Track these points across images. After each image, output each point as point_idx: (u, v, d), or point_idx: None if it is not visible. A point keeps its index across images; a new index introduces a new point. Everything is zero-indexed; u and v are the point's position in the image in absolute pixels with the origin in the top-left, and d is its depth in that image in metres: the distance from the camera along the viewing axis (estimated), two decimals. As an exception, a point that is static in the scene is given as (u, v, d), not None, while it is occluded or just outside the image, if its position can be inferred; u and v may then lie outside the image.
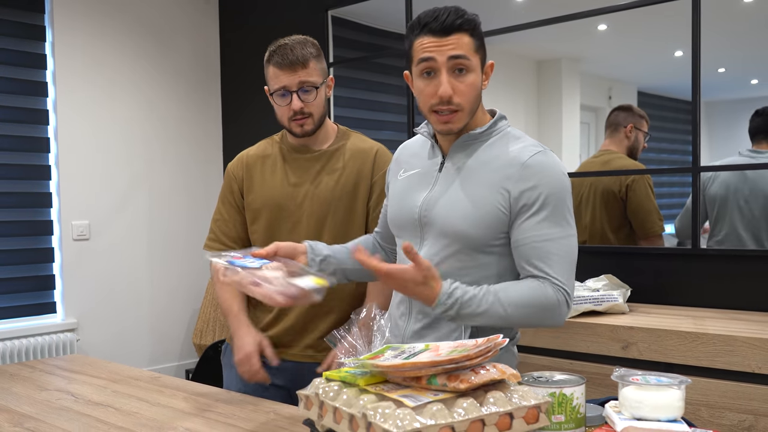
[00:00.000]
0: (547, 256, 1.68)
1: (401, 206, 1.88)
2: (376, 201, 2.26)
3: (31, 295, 4.44)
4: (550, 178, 1.70)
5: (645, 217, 3.50)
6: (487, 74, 1.79)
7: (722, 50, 3.23)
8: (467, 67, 1.72)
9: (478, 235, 1.72)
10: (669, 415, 1.20)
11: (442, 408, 1.15)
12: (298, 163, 2.31)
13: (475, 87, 1.74)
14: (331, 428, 1.28)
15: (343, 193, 2.25)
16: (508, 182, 1.71)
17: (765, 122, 3.13)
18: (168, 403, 2.03)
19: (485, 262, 1.75)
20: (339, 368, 1.36)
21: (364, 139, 2.36)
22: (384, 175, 2.19)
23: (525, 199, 1.69)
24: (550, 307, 1.67)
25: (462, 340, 1.65)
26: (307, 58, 2.18)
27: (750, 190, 3.17)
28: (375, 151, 2.30)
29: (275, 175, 2.32)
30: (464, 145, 1.80)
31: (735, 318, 2.96)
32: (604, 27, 3.58)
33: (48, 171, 4.52)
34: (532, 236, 1.69)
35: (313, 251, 1.90)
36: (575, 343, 2.97)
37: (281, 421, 1.84)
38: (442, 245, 1.77)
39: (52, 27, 4.51)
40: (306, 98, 2.18)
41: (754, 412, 2.55)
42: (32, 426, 1.85)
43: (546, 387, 1.32)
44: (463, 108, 1.73)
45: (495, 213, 1.71)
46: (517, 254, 1.72)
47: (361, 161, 2.27)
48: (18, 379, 2.38)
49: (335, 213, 2.25)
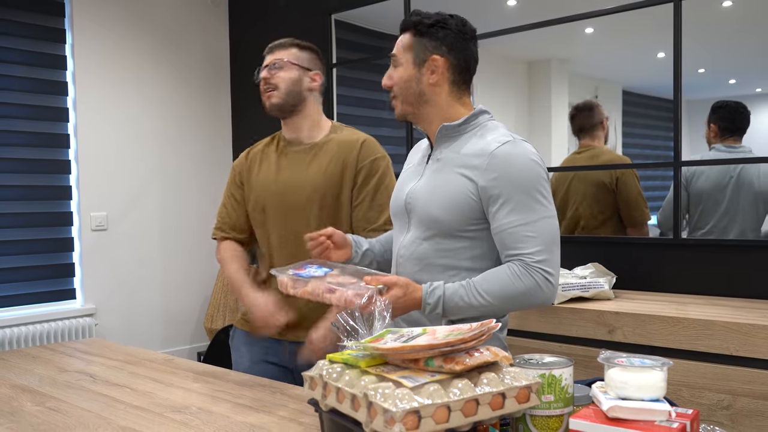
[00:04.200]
0: (520, 240, 1.68)
1: (395, 198, 1.95)
2: (360, 188, 2.25)
3: (52, 282, 4.44)
4: (515, 168, 1.70)
5: (635, 206, 3.51)
6: (435, 70, 1.81)
7: (702, 52, 3.22)
8: (397, 63, 1.85)
9: (452, 221, 1.75)
10: (652, 395, 1.20)
11: (438, 388, 1.15)
12: (290, 155, 2.32)
13: (403, 79, 1.83)
14: (334, 407, 1.28)
15: (330, 181, 2.24)
16: (475, 172, 1.72)
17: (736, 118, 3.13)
18: (181, 384, 2.03)
19: (460, 246, 1.77)
20: (342, 351, 1.36)
21: (354, 132, 2.34)
22: (372, 162, 2.24)
23: (491, 189, 1.70)
24: (528, 291, 1.67)
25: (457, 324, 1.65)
26: (290, 44, 2.27)
27: (734, 184, 3.16)
28: (361, 141, 2.28)
29: (270, 168, 2.34)
30: (445, 137, 1.84)
31: (714, 304, 2.96)
32: (591, 30, 3.57)
33: (68, 165, 4.52)
34: (503, 224, 1.70)
35: (357, 245, 1.97)
36: (564, 327, 2.97)
37: (287, 400, 1.84)
38: (421, 230, 1.81)
39: (71, 30, 4.50)
40: (273, 72, 2.25)
41: (732, 392, 2.55)
42: (53, 405, 1.85)
43: (536, 369, 1.31)
44: (396, 95, 1.86)
45: (466, 201, 1.73)
46: (497, 242, 1.74)
47: (348, 150, 2.26)
48: (40, 361, 2.38)
49: (323, 200, 2.24)
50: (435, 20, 1.81)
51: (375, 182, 2.24)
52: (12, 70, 4.26)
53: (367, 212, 2.23)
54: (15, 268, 4.28)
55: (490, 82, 3.93)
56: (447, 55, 1.81)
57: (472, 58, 1.85)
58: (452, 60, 1.81)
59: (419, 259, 1.81)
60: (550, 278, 1.68)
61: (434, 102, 1.83)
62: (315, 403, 1.35)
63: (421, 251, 1.80)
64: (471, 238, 1.76)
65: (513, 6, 3.82)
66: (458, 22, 1.83)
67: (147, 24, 4.89)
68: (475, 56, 1.87)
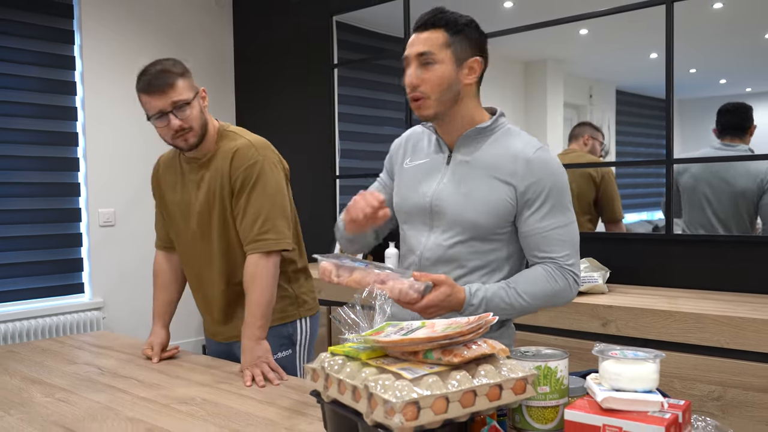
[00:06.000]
0: (554, 243, 1.71)
1: (409, 195, 1.86)
2: (236, 200, 2.13)
3: (60, 276, 4.44)
4: (552, 174, 1.71)
5: (614, 204, 3.55)
6: (473, 69, 1.76)
7: (693, 53, 3.22)
8: (434, 61, 1.71)
9: (488, 224, 1.73)
10: (645, 387, 1.20)
11: (437, 380, 1.15)
12: (186, 174, 2.24)
13: (443, 78, 1.72)
14: (336, 398, 1.27)
15: (215, 196, 2.16)
16: (514, 177, 1.71)
17: (733, 118, 3.12)
18: (186, 376, 2.03)
19: (492, 247, 1.76)
20: (343, 344, 1.36)
21: (234, 138, 2.19)
22: (246, 170, 2.10)
23: (530, 193, 1.70)
24: (561, 291, 1.71)
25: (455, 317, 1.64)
26: (172, 80, 2.07)
27: (717, 180, 3.16)
28: (234, 151, 2.13)
29: (176, 184, 2.27)
30: (470, 139, 1.79)
31: (705, 297, 2.96)
32: (586, 31, 3.57)
33: (77, 163, 4.51)
34: (539, 227, 1.71)
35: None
36: (559, 320, 2.97)
37: (290, 392, 1.84)
38: (454, 232, 1.77)
39: (80, 31, 4.50)
40: (182, 115, 2.07)
41: (723, 383, 2.55)
42: (62, 396, 1.85)
43: (532, 361, 1.31)
44: (428, 95, 1.73)
45: (504, 205, 1.72)
46: (526, 244, 1.74)
47: (222, 163, 2.14)
48: (49, 353, 2.38)
49: (212, 219, 2.17)
50: (468, 20, 1.75)
51: (247, 191, 2.11)
52: (22, 70, 4.26)
53: (241, 222, 2.12)
54: (25, 263, 4.28)
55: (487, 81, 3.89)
56: (480, 55, 1.77)
57: (488, 60, 1.83)
58: (483, 60, 1.79)
59: (451, 261, 1.77)
60: (577, 280, 1.74)
61: (465, 102, 1.77)
62: (317, 395, 1.34)
63: (452, 253, 1.77)
64: (501, 240, 1.76)
65: (510, 8, 3.81)
66: (477, 23, 1.79)
67: (152, 26, 4.89)
68: None
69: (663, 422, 1.11)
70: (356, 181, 4.67)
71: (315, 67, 4.82)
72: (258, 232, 2.08)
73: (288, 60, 4.99)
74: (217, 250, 2.19)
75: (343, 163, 4.73)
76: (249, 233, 2.10)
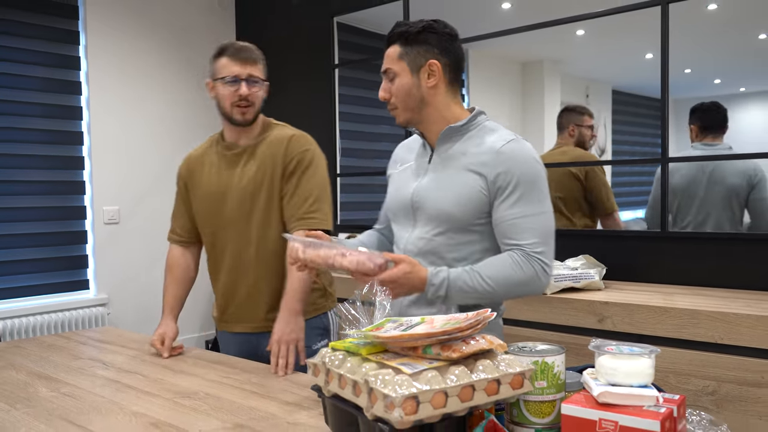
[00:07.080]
0: (522, 231, 1.71)
1: (396, 196, 1.93)
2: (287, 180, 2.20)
3: (66, 273, 4.44)
4: (521, 163, 1.73)
5: (604, 197, 3.54)
6: (432, 72, 1.80)
7: (688, 53, 3.22)
8: (395, 74, 1.82)
9: (464, 215, 1.75)
10: (640, 382, 1.20)
11: (436, 375, 1.15)
12: (228, 159, 2.28)
13: (403, 89, 1.81)
14: (337, 393, 1.27)
15: (261, 181, 2.20)
16: (485, 167, 1.73)
17: (716, 117, 3.13)
18: (190, 371, 2.03)
19: (471, 239, 1.78)
20: (344, 339, 1.36)
21: (285, 128, 2.29)
22: (301, 154, 2.19)
23: (500, 182, 1.72)
24: (528, 279, 1.70)
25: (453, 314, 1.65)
26: (257, 57, 2.21)
27: (707, 179, 3.16)
28: (290, 137, 2.23)
29: (211, 174, 2.30)
30: (447, 138, 1.83)
31: (700, 294, 2.96)
32: (583, 32, 3.57)
33: (82, 161, 4.51)
34: (507, 215, 1.72)
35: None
36: (556, 316, 2.97)
37: (292, 386, 1.84)
38: (432, 226, 1.80)
39: (85, 32, 4.49)
40: (252, 89, 2.18)
41: (717, 378, 2.55)
42: (68, 391, 1.85)
43: (529, 356, 1.31)
44: (396, 106, 1.84)
45: (477, 195, 1.74)
46: (497, 232, 1.76)
47: (276, 148, 2.21)
48: (55, 348, 2.38)
49: (257, 200, 2.21)
50: (422, 26, 1.80)
51: (300, 173, 2.19)
52: (28, 70, 4.25)
53: (290, 200, 2.18)
54: (31, 260, 4.28)
55: (485, 81, 3.92)
56: (441, 57, 1.80)
57: (461, 56, 1.86)
58: (446, 61, 1.81)
59: (429, 254, 1.80)
60: (546, 269, 1.71)
61: (434, 104, 1.82)
62: (318, 389, 1.35)
63: (432, 246, 1.80)
64: (480, 231, 1.77)
65: (507, 9, 3.81)
66: (442, 25, 1.83)
67: (157, 26, 4.88)
68: (462, 54, 1.87)
69: (658, 416, 1.11)
70: (356, 179, 4.67)
71: (316, 67, 4.82)
72: (306, 210, 2.16)
73: (289, 60, 4.99)
74: (255, 231, 2.21)
75: (344, 162, 4.73)
76: (297, 211, 2.17)
